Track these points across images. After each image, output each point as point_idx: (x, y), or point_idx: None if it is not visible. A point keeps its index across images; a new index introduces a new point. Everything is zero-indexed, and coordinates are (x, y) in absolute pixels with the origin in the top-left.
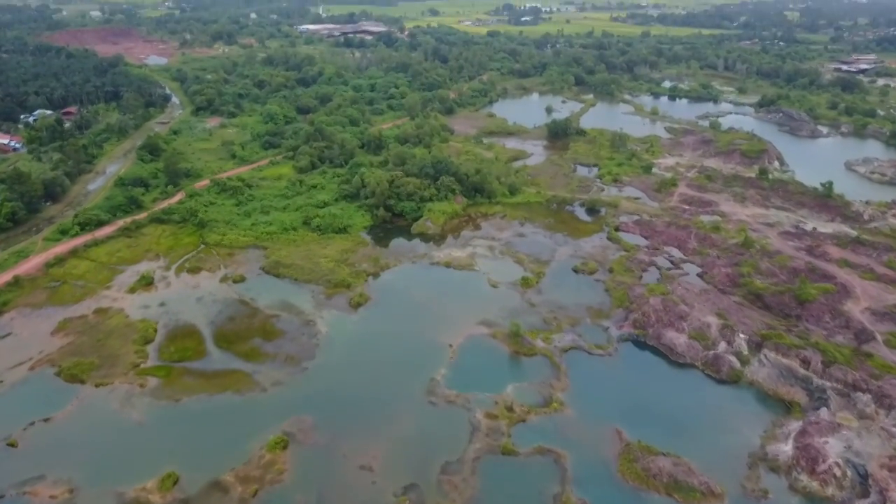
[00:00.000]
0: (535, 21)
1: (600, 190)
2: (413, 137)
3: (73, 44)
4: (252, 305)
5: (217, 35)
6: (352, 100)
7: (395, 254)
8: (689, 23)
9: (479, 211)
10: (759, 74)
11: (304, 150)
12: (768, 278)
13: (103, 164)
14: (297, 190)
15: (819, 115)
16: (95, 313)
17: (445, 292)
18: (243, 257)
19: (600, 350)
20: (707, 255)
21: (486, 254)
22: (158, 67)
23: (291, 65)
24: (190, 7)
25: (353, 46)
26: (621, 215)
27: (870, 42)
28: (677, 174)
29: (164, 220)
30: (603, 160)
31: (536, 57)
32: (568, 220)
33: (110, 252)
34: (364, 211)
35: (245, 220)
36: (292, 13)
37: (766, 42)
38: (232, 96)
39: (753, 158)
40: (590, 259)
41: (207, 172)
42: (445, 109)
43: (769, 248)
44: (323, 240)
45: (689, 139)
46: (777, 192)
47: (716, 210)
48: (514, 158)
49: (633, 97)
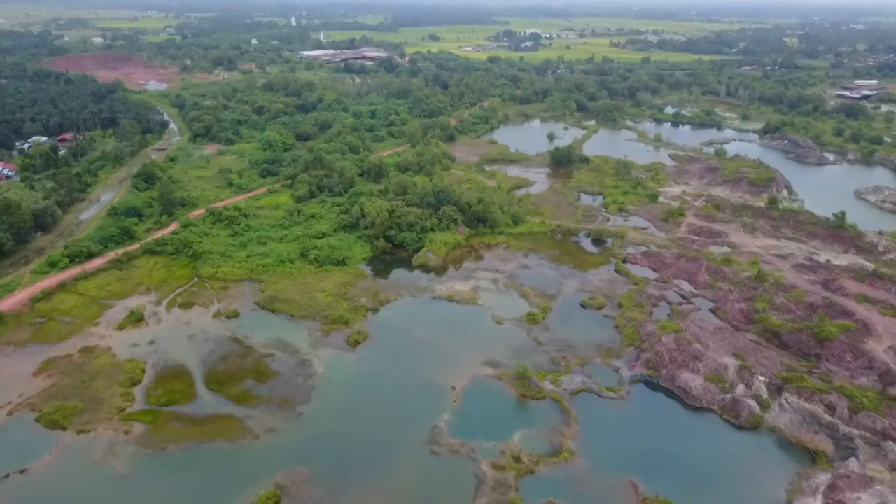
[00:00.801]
0: (535, 47)
1: (606, 219)
2: (414, 165)
3: (73, 69)
4: (245, 344)
5: (217, 61)
6: (352, 126)
7: (395, 287)
8: (689, 49)
9: (482, 241)
10: (762, 100)
11: (302, 178)
12: (784, 314)
13: (97, 193)
14: (294, 220)
15: (825, 142)
16: (81, 352)
17: (448, 329)
18: (238, 291)
19: (612, 393)
20: (719, 289)
21: (490, 287)
22: (158, 93)
23: (291, 91)
24: (192, 33)
25: (354, 72)
26: (628, 246)
27: (870, 68)
28: (684, 203)
29: (157, 251)
30: (607, 188)
31: (538, 83)
32: (574, 252)
33: (100, 286)
34: (363, 242)
35: (241, 251)
36: (293, 39)
37: (766, 68)
38: (230, 123)
39: (761, 187)
40: (598, 293)
41: (203, 201)
42: (447, 136)
43: (783, 281)
44: (321, 272)
45: (695, 167)
46: (788, 223)
47: (726, 241)
48: (516, 187)
49: (635, 123)
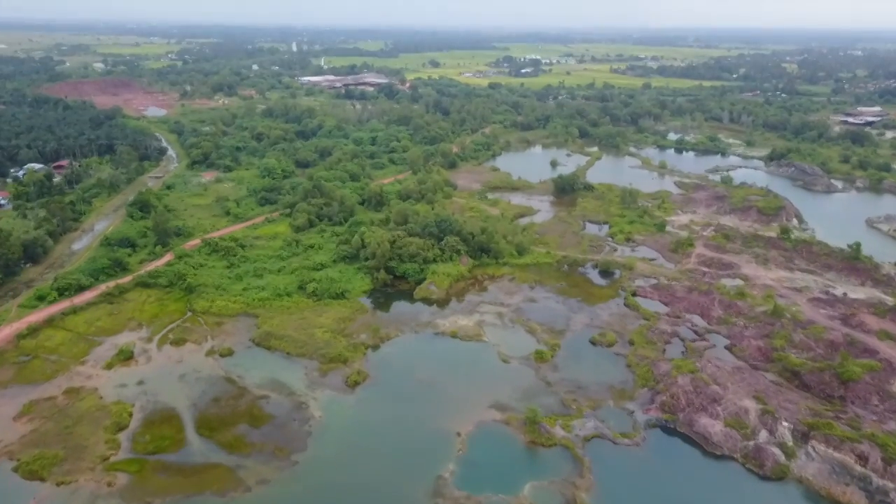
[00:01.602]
0: (535, 73)
1: (613, 250)
2: (415, 193)
3: (73, 95)
4: (239, 384)
5: (217, 86)
6: (352, 153)
7: (396, 322)
8: (689, 74)
9: (486, 273)
10: (766, 127)
11: (301, 207)
12: (804, 352)
13: (91, 221)
14: (293, 250)
15: (832, 169)
16: (66, 394)
17: (452, 368)
18: (232, 327)
19: (626, 439)
20: (734, 325)
21: (496, 322)
22: (157, 119)
23: (291, 117)
24: (192, 59)
25: (354, 98)
26: (637, 278)
27: (872, 94)
28: (693, 233)
29: (150, 284)
30: (613, 217)
31: (539, 109)
32: (581, 284)
33: (89, 321)
34: (363, 273)
35: (236, 284)
36: (294, 65)
37: (768, 94)
38: (229, 149)
39: (771, 216)
40: (608, 329)
41: (199, 231)
42: (448, 163)
43: (801, 317)
44: (319, 307)
45: (702, 195)
46: (801, 254)
47: (738, 273)
48: (520, 215)
49: (638, 150)
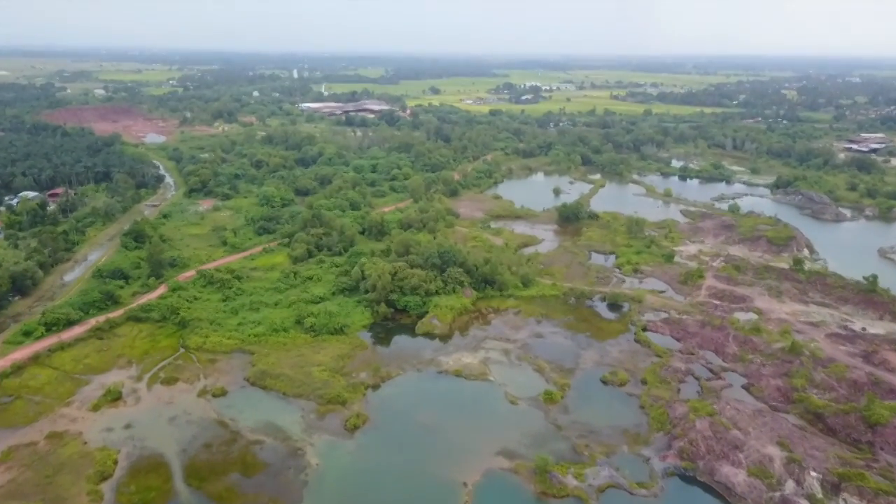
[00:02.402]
0: (535, 99)
1: (620, 281)
2: (417, 222)
3: (72, 122)
4: (232, 428)
5: (217, 113)
6: (353, 181)
7: (397, 359)
8: (689, 101)
9: (490, 305)
10: (770, 154)
11: (300, 237)
12: (826, 393)
13: (85, 251)
14: (290, 282)
15: (839, 197)
16: (48, 439)
17: (457, 411)
18: (227, 364)
19: (643, 489)
20: (750, 363)
21: (501, 359)
22: (156, 146)
23: (291, 144)
24: (194, 85)
25: (355, 125)
26: (647, 312)
27: (874, 121)
28: (702, 264)
29: (142, 318)
30: (620, 247)
31: (540, 136)
32: (589, 318)
33: (77, 358)
34: (363, 307)
35: (231, 318)
36: (294, 91)
37: (769, 120)
38: (227, 177)
39: (781, 246)
40: (619, 366)
41: (195, 262)
42: (450, 191)
43: (820, 354)
44: (316, 343)
45: (709, 224)
46: (815, 286)
47: (751, 306)
48: (524, 245)
49: (642, 177)
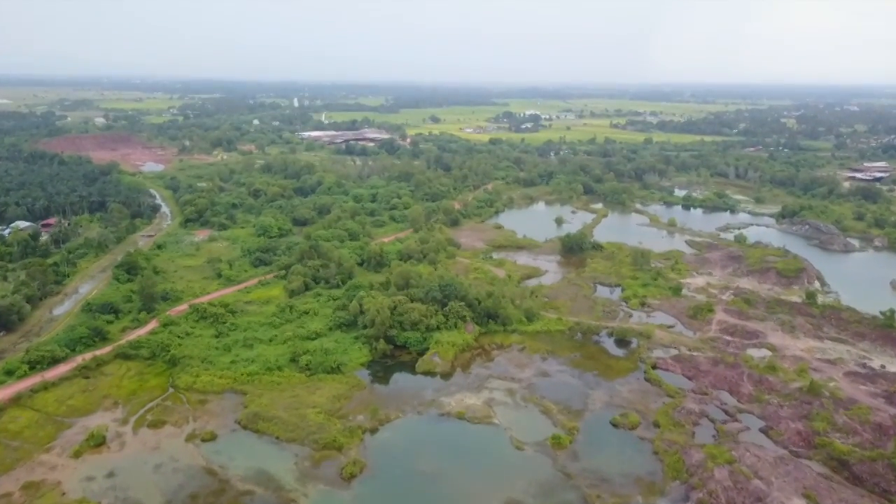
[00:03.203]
0: (535, 128)
1: (628, 316)
2: (417, 253)
3: (70, 150)
4: (221, 477)
5: (217, 141)
6: (352, 211)
7: (396, 400)
8: (689, 129)
9: (494, 341)
10: (773, 183)
11: (296, 269)
12: (850, 437)
13: (75, 284)
14: (286, 317)
15: (846, 227)
16: (24, 490)
17: (459, 457)
18: (217, 406)
19: None
20: (767, 404)
21: (506, 400)
22: (153, 175)
23: (290, 172)
24: (194, 114)
25: (355, 154)
26: (656, 348)
27: (875, 149)
28: (711, 297)
29: (131, 355)
30: (625, 279)
31: (541, 165)
32: (597, 355)
33: (60, 399)
34: (361, 343)
35: (224, 355)
36: (294, 120)
37: (770, 149)
38: (224, 206)
39: (791, 278)
40: (629, 408)
41: (188, 295)
42: (450, 221)
43: (840, 394)
44: (312, 382)
45: (715, 255)
46: (829, 321)
47: (764, 342)
48: (527, 276)
49: (644, 207)
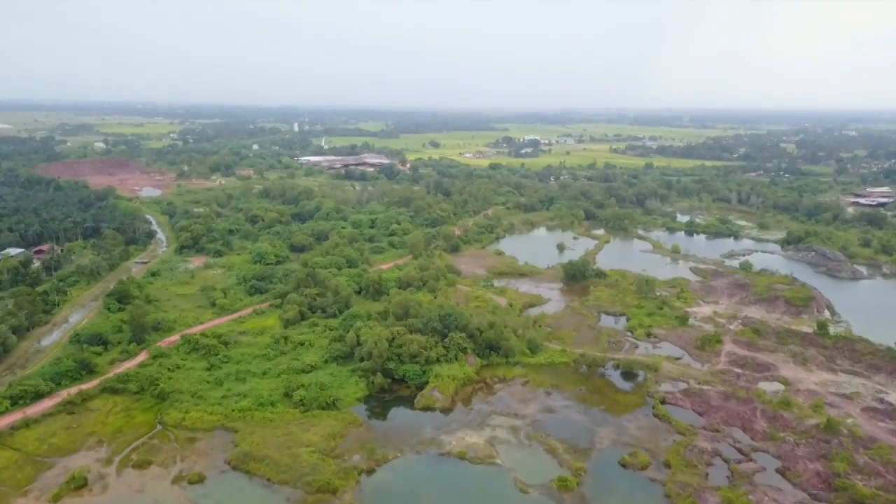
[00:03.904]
0: (535, 153)
1: (634, 346)
2: (417, 281)
3: (68, 175)
4: None
5: (215, 166)
6: (350, 237)
7: (394, 438)
8: (689, 154)
9: (496, 374)
10: (776, 208)
11: (292, 298)
12: (872, 479)
13: (65, 313)
14: (280, 349)
15: (853, 254)
16: None
17: (461, 502)
18: (206, 444)
19: None
20: (783, 442)
21: (509, 438)
22: (150, 200)
23: (289, 198)
24: (193, 138)
25: (355, 179)
26: (664, 381)
27: (877, 174)
28: (718, 326)
29: (118, 389)
30: (630, 308)
31: (542, 190)
32: (603, 389)
33: (42, 437)
34: (358, 377)
35: (215, 389)
36: (294, 145)
37: (771, 174)
38: (221, 232)
39: (800, 307)
40: (638, 446)
41: (180, 325)
42: (451, 247)
43: (859, 432)
44: (306, 419)
45: (721, 282)
46: (842, 352)
47: (776, 375)
48: (529, 305)
49: (647, 232)
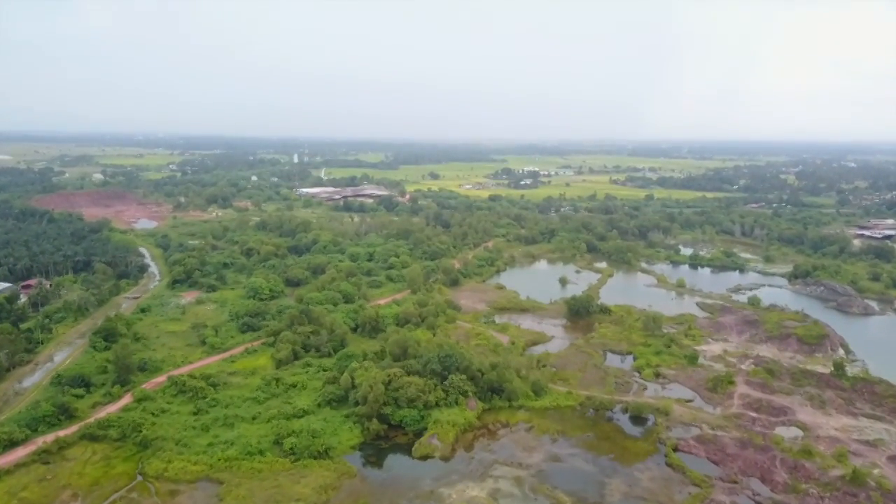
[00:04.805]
0: (534, 184)
1: (642, 388)
2: (415, 317)
3: (63, 207)
4: None
5: (212, 198)
6: (347, 271)
7: (391, 490)
8: (690, 185)
9: (499, 419)
10: (781, 241)
11: (285, 336)
12: None
13: (50, 351)
14: (272, 391)
15: (863, 288)
16: None
17: None
18: (189, 498)
19: None
20: (806, 495)
21: (513, 490)
22: (145, 232)
23: (286, 230)
24: (192, 170)
25: (353, 210)
26: (676, 426)
27: (880, 205)
28: (729, 366)
29: (98, 436)
30: (637, 346)
31: (542, 222)
32: (612, 435)
33: (12, 490)
34: (353, 422)
35: (201, 436)
36: (293, 176)
37: (773, 205)
38: (215, 266)
39: (814, 346)
40: (652, 500)
41: (168, 365)
42: (450, 281)
43: (887, 484)
44: (297, 469)
45: (729, 319)
46: (861, 395)
47: (793, 420)
48: (532, 343)
49: (650, 265)
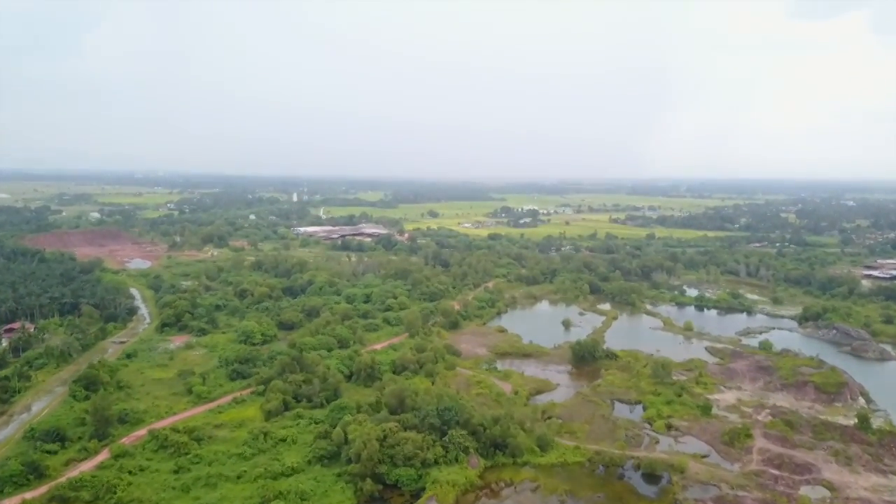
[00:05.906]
0: (534, 223)
1: (654, 442)
2: (413, 363)
3: (56, 246)
4: None
5: (208, 237)
6: (343, 314)
7: None
8: (690, 224)
9: (502, 477)
10: (788, 281)
11: (276, 385)
12: None
13: (28, 401)
14: (259, 446)
15: (876, 332)
16: None
17: None
18: None
19: None
20: None
21: None
22: (138, 272)
23: (281, 270)
24: (190, 208)
25: (351, 249)
26: (692, 486)
27: (884, 244)
28: (745, 416)
29: (69, 499)
30: (646, 395)
31: (544, 262)
32: (624, 495)
33: None
34: (345, 482)
35: (181, 498)
36: (292, 214)
37: (776, 244)
38: (207, 308)
39: (832, 394)
40: None
41: (151, 416)
42: (450, 324)
43: None
44: None
45: (741, 364)
46: (889, 450)
47: (818, 478)
48: (536, 391)
49: (655, 307)
